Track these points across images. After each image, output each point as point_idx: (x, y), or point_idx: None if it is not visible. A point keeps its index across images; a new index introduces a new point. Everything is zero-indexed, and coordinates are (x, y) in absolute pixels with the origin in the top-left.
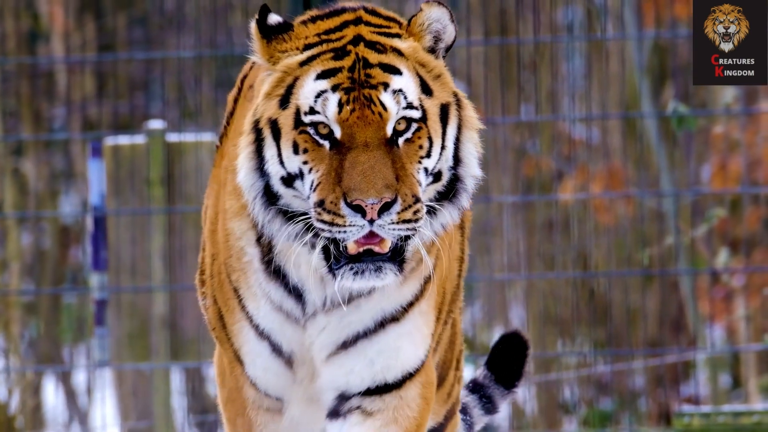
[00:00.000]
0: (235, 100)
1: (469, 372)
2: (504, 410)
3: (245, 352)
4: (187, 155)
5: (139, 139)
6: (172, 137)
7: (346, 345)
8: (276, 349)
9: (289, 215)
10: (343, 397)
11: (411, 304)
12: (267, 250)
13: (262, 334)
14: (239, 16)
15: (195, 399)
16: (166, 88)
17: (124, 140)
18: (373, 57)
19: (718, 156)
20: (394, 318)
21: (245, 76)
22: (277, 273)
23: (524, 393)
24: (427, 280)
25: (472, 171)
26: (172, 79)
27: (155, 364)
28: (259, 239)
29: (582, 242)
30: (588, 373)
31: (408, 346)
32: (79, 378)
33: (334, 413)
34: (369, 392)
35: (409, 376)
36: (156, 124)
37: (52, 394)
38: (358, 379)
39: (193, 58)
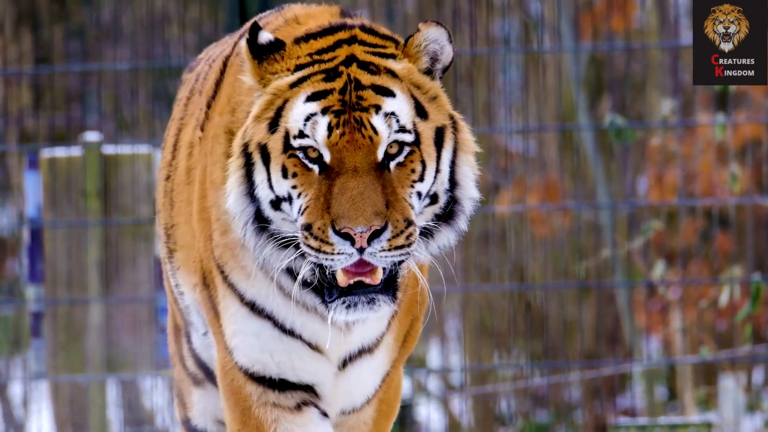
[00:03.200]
0: (216, 83)
1: (407, 384)
2: (440, 422)
3: (232, 333)
4: (123, 167)
5: (76, 152)
6: (109, 149)
7: (344, 364)
8: (290, 333)
9: (279, 240)
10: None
11: (379, 342)
12: None
13: (261, 313)
14: (175, 28)
15: (131, 411)
16: (103, 100)
17: (60, 152)
18: (366, 78)
19: (654, 168)
20: (369, 349)
21: (227, 57)
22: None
23: (460, 405)
24: (393, 315)
25: (469, 193)
26: (108, 92)
27: (91, 376)
28: None
29: (518, 254)
30: (524, 385)
31: (369, 377)
32: (16, 390)
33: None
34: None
35: (367, 400)
36: (92, 136)
37: None
38: (339, 405)
39: (130, 70)
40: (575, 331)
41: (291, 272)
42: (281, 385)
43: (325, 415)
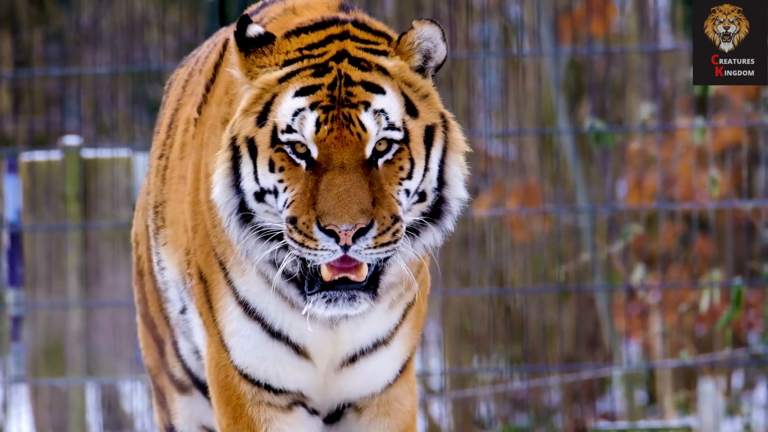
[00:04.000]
0: (215, 66)
1: None
2: (420, 426)
3: (229, 333)
4: (102, 171)
5: (55, 156)
6: (88, 153)
7: (353, 359)
8: (278, 336)
9: (263, 232)
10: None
11: (397, 327)
12: None
13: (252, 314)
14: (155, 32)
15: (110, 414)
16: (82, 104)
17: (40, 156)
18: (356, 74)
19: (634, 172)
20: (385, 341)
21: (227, 39)
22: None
23: (440, 409)
24: (410, 305)
25: (457, 193)
26: (87, 96)
27: (71, 379)
28: None
29: (498, 258)
30: (504, 389)
31: (387, 366)
32: None
33: (331, 418)
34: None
35: (389, 384)
36: (72, 141)
37: None
38: (359, 393)
39: (109, 74)
40: (555, 335)
41: (276, 267)
42: (270, 387)
43: (314, 412)
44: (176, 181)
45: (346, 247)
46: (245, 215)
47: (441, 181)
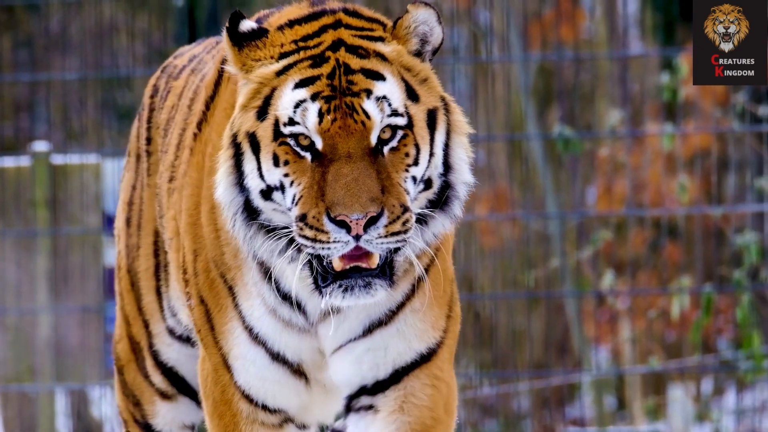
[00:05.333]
0: (216, 84)
1: None
2: None
3: (235, 356)
4: (72, 177)
5: (24, 161)
6: (57, 159)
7: (341, 347)
8: (277, 357)
9: (270, 230)
10: (351, 397)
11: (402, 305)
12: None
13: (256, 339)
14: (124, 38)
15: (80, 421)
16: (51, 110)
17: (8, 162)
18: (355, 62)
19: (603, 178)
20: (381, 322)
21: (225, 60)
22: (269, 277)
23: None
24: (419, 280)
25: (463, 177)
26: (56, 101)
27: (40, 385)
28: None
29: (467, 264)
30: (473, 395)
31: (399, 342)
32: None
33: (347, 411)
34: (369, 390)
35: (405, 370)
36: (41, 146)
37: None
38: (345, 378)
39: (78, 80)
40: (524, 340)
41: (274, 282)
42: (266, 406)
43: (303, 427)
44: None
45: (357, 237)
46: (250, 214)
47: (446, 166)
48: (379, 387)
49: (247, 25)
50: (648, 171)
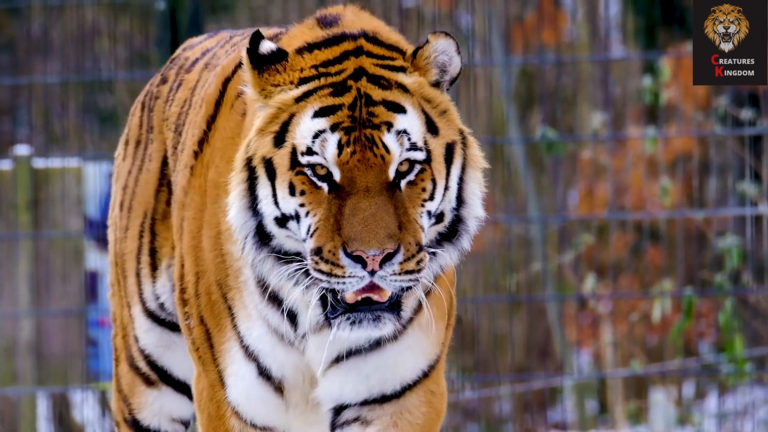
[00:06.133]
0: (217, 104)
1: None
2: None
3: (230, 373)
4: (53, 181)
5: (6, 165)
6: (39, 163)
7: (339, 360)
8: (263, 373)
9: (281, 256)
10: (340, 409)
11: (410, 320)
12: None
13: (250, 356)
14: (106, 41)
15: (61, 425)
16: (33, 113)
17: None
18: (377, 93)
19: (585, 182)
20: (392, 337)
21: (227, 79)
22: (274, 297)
23: None
24: (427, 293)
25: (475, 212)
26: (38, 105)
27: (21, 389)
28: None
29: None
30: (454, 399)
31: (408, 358)
32: None
33: (333, 427)
34: (366, 403)
35: (409, 387)
36: (22, 150)
37: None
38: (353, 393)
39: (60, 83)
40: (506, 344)
41: (278, 303)
42: (255, 424)
43: None
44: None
45: (372, 273)
46: (261, 238)
47: (459, 200)
48: (376, 401)
49: (267, 46)
50: (630, 174)
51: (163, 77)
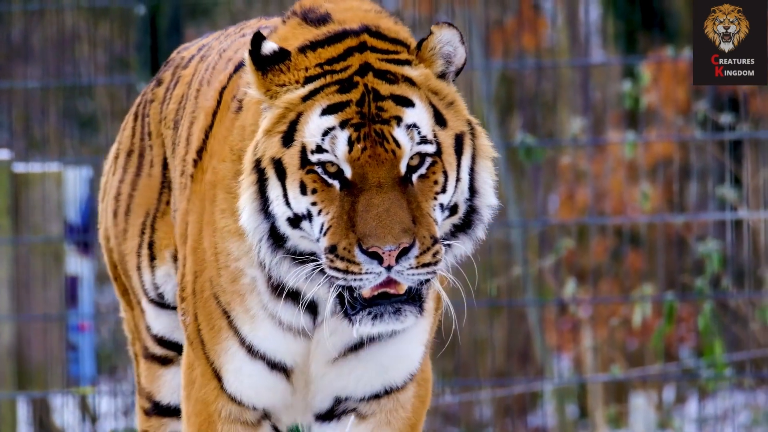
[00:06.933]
0: (213, 114)
1: None
2: None
3: (229, 370)
4: (33, 185)
5: None
6: (19, 167)
7: (356, 348)
8: (275, 366)
9: (297, 257)
10: (340, 400)
11: None
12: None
13: (256, 354)
14: (85, 46)
15: (41, 429)
16: (13, 118)
17: None
18: (385, 88)
19: (565, 186)
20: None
21: (224, 88)
22: (290, 294)
23: None
24: None
25: (488, 201)
26: (18, 109)
27: (2, 393)
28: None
29: None
30: (435, 403)
31: (415, 348)
32: None
33: (327, 415)
34: (367, 398)
35: (410, 378)
36: (2, 154)
37: None
38: (368, 386)
39: (40, 88)
40: (486, 349)
41: (291, 297)
42: (254, 407)
43: (275, 429)
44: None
45: (389, 268)
46: (276, 240)
47: (472, 190)
48: (376, 396)
49: (270, 47)
50: (610, 179)
51: (158, 80)
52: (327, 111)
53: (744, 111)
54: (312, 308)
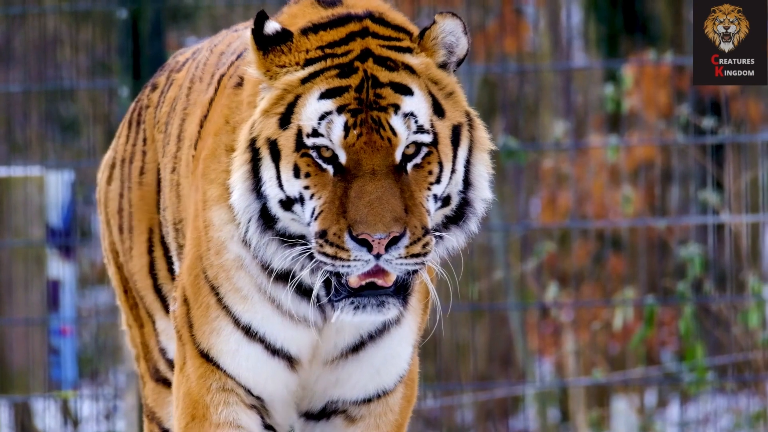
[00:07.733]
0: (210, 102)
1: None
2: None
3: (224, 351)
4: (15, 189)
5: None
6: (1, 171)
7: (357, 349)
8: (276, 352)
9: (286, 239)
10: (332, 402)
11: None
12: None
13: (254, 336)
14: (67, 50)
15: None
16: None
17: None
18: (384, 75)
19: (547, 190)
20: (396, 320)
21: (223, 75)
22: (282, 277)
23: None
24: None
25: (482, 194)
26: (0, 113)
27: None
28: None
29: None
30: (416, 407)
31: (406, 348)
32: None
33: (317, 415)
34: (358, 402)
35: (399, 380)
36: None
37: None
38: (362, 391)
39: (22, 92)
40: (468, 353)
41: (286, 280)
42: (250, 392)
43: (267, 427)
44: (185, 198)
45: (377, 256)
46: (266, 221)
47: (466, 183)
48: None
49: (272, 26)
50: (592, 183)
51: (153, 85)
52: (325, 95)
53: (726, 114)
54: (308, 294)
